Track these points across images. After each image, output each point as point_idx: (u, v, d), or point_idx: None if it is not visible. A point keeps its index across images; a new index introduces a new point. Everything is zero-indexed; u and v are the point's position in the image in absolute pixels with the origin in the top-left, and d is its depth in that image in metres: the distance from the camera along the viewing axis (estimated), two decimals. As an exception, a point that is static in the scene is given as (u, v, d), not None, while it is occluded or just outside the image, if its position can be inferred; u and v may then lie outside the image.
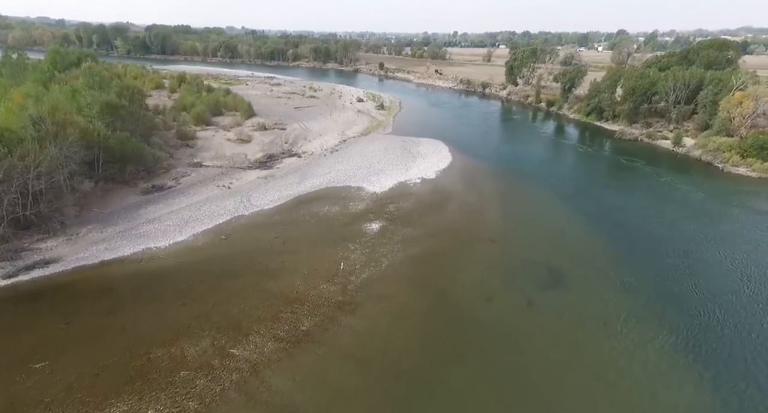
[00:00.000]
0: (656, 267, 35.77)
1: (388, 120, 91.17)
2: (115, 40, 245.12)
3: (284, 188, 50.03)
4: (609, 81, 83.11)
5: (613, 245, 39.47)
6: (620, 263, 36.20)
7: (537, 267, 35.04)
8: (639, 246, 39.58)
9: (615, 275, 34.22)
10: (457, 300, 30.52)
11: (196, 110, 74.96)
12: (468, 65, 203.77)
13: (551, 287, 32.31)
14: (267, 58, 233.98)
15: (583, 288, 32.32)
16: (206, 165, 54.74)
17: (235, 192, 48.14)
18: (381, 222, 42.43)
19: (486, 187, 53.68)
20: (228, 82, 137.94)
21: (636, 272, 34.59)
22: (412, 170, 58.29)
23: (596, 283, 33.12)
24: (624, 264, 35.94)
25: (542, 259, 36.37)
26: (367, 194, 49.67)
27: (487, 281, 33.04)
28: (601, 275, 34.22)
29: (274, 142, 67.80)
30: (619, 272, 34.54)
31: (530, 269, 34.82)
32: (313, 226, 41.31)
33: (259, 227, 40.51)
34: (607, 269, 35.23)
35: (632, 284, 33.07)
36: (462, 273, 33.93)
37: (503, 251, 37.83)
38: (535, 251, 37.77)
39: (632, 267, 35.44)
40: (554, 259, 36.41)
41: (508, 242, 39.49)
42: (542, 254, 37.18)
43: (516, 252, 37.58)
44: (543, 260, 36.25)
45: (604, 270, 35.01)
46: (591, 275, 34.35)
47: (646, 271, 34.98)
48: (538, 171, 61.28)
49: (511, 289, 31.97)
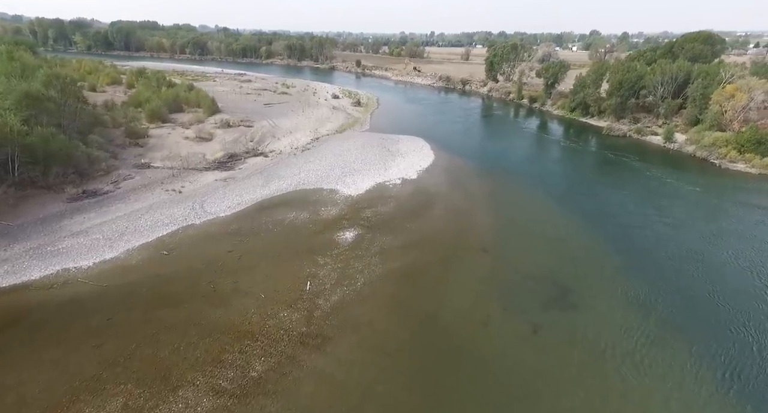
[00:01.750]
0: (669, 275, 31.32)
1: (365, 117, 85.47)
2: (74, 35, 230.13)
3: (245, 192, 43.65)
4: (595, 75, 79.79)
5: (617, 250, 34.93)
6: (629, 271, 31.58)
7: (537, 281, 30.03)
8: (646, 251, 35.17)
9: (626, 287, 29.54)
10: (448, 326, 25.09)
11: (150, 105, 67.32)
12: (446, 63, 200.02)
13: (557, 307, 27.28)
14: (239, 55, 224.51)
15: (594, 307, 27.42)
16: (155, 166, 47.68)
17: (186, 197, 41.46)
18: (356, 230, 36.70)
19: (473, 187, 48.66)
20: (194, 78, 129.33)
21: (648, 283, 30.02)
22: (391, 170, 52.78)
23: (607, 299, 28.30)
24: (633, 273, 31.34)
25: (542, 270, 31.40)
26: (341, 197, 43.85)
27: (481, 300, 27.73)
28: (611, 289, 29.46)
29: (238, 140, 61.07)
30: (629, 284, 29.88)
31: (530, 283, 29.76)
32: (277, 236, 35.19)
33: (211, 239, 34.10)
34: (616, 279, 30.53)
35: (647, 298, 28.42)
36: (452, 292, 28.54)
37: (497, 262, 32.68)
38: (532, 261, 32.80)
39: (643, 277, 30.86)
40: (555, 270, 31.51)
41: (502, 252, 34.38)
42: (541, 264, 32.23)
43: (512, 263, 32.49)
44: (543, 271, 31.29)
45: (612, 282, 30.29)
46: (599, 288, 29.56)
47: (659, 280, 30.45)
48: (526, 169, 56.79)
49: (511, 310, 26.76)
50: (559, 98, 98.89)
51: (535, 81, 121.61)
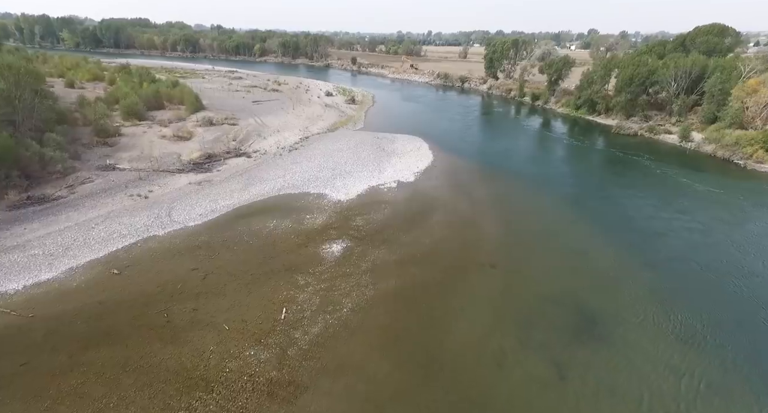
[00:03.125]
0: (712, 295, 26.60)
1: (359, 115, 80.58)
2: (62, 32, 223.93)
3: (221, 197, 38.68)
4: (603, 71, 75.14)
5: (646, 264, 30.21)
6: (664, 291, 26.87)
7: (558, 306, 25.23)
8: (678, 263, 30.47)
9: (665, 312, 24.80)
10: (455, 369, 20.20)
11: (125, 102, 62.18)
12: (444, 61, 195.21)
13: (585, 341, 22.46)
14: (232, 52, 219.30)
15: (631, 340, 22.61)
16: (121, 168, 42.62)
17: (153, 203, 36.44)
18: (345, 242, 31.81)
19: (476, 191, 43.85)
20: (182, 75, 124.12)
21: (689, 306, 25.30)
22: (386, 172, 47.92)
23: (645, 329, 23.50)
24: (670, 294, 26.63)
25: (562, 291, 26.63)
26: (330, 203, 38.96)
27: (493, 332, 22.87)
28: (647, 315, 24.70)
29: (219, 139, 56.03)
30: (668, 308, 25.14)
31: (549, 309, 24.96)
32: (252, 250, 30.25)
33: (174, 254, 29.12)
34: (651, 302, 25.78)
35: (691, 326, 23.68)
36: (457, 321, 23.68)
37: (509, 281, 27.87)
38: (550, 279, 28.02)
39: (682, 299, 26.14)
40: (578, 290, 26.75)
41: (513, 268, 29.58)
42: (560, 284, 27.46)
43: (526, 283, 27.71)
44: (563, 292, 26.52)
45: (647, 305, 25.53)
46: (633, 314, 24.78)
47: (701, 302, 25.73)
48: (533, 171, 52.04)
49: (529, 346, 21.93)
50: (563, 96, 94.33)
51: (537, 78, 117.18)
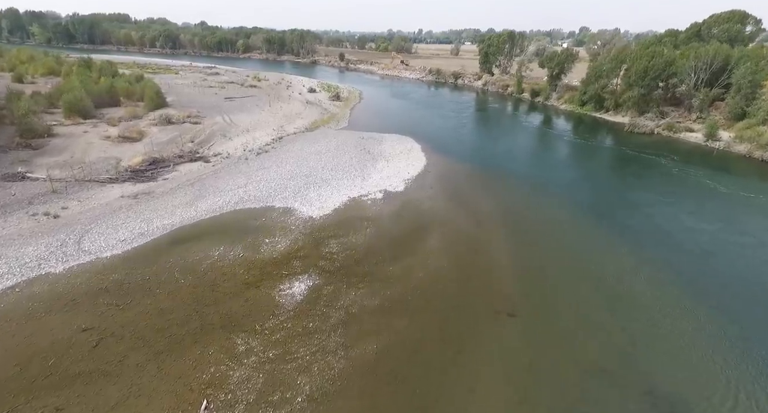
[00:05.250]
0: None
1: (343, 113, 72.39)
2: (31, 26, 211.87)
3: (158, 215, 30.26)
4: (612, 63, 67.85)
5: (709, 298, 22.60)
6: (752, 352, 19.27)
7: (614, 383, 17.41)
8: (753, 295, 22.94)
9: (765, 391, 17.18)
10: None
11: (67, 97, 53.25)
12: (435, 58, 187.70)
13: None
14: (214, 49, 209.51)
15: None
16: (33, 177, 33.92)
17: (62, 226, 27.90)
18: (311, 279, 23.71)
19: (480, 203, 36.02)
20: (154, 71, 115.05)
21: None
22: (371, 179, 39.88)
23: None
24: (759, 351, 19.05)
25: (614, 355, 18.83)
26: (298, 220, 30.80)
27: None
28: (742, 399, 17.05)
29: (173, 140, 47.45)
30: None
31: (602, 390, 17.14)
32: (181, 294, 21.97)
33: (66, 304, 20.72)
34: (742, 374, 18.15)
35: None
36: (467, 410, 15.77)
37: (536, 340, 19.98)
38: (593, 336, 20.20)
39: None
40: (638, 355, 18.96)
41: (539, 317, 21.69)
42: (611, 342, 19.66)
43: (560, 342, 19.83)
44: (617, 357, 18.72)
45: (737, 380, 17.90)
46: (724, 392, 17.10)
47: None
48: (542, 176, 44.37)
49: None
50: (565, 91, 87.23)
51: (535, 74, 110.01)
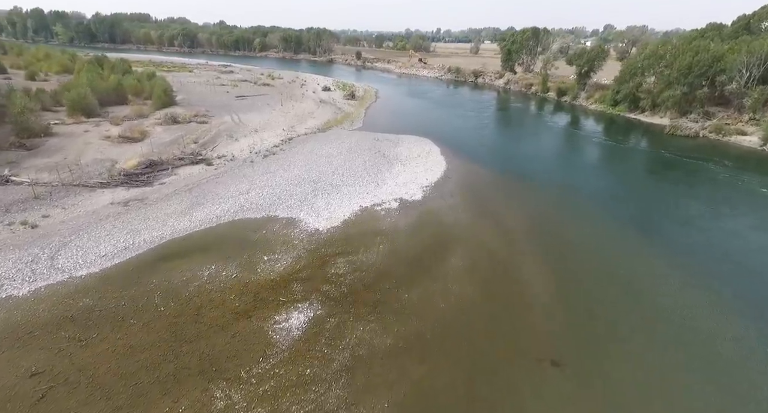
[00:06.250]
0: None
1: (358, 112, 68.78)
2: (55, 26, 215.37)
3: (148, 226, 27.08)
4: (650, 59, 62.31)
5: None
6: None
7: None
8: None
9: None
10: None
11: (71, 95, 51.08)
12: (454, 57, 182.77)
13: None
14: (231, 48, 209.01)
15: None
16: (18, 181, 31.21)
17: (39, 237, 24.94)
18: (313, 308, 20.04)
19: (509, 216, 31.77)
20: (169, 69, 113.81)
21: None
22: (385, 186, 36.06)
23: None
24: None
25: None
26: (302, 233, 27.22)
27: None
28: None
29: (176, 141, 44.56)
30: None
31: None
32: (158, 326, 18.56)
33: (20, 338, 17.50)
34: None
35: None
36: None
37: (590, 402, 15.81)
38: (670, 399, 15.93)
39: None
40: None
41: (592, 369, 17.47)
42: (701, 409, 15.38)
43: (625, 406, 15.62)
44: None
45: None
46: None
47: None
48: (578, 184, 39.75)
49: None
50: (595, 90, 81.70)
51: (560, 72, 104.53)
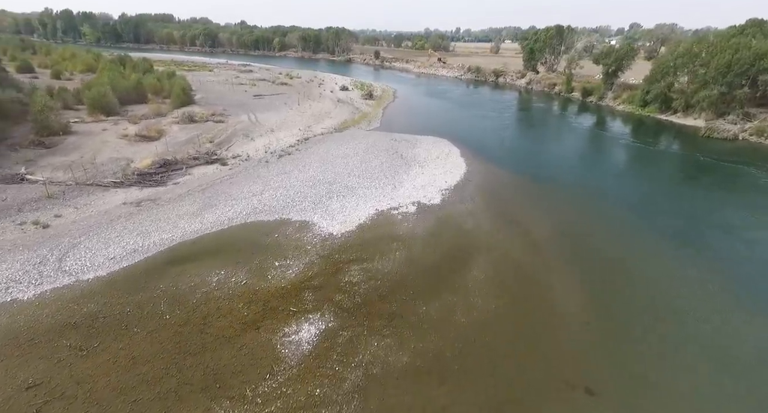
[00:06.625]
0: None
1: (375, 112, 67.54)
2: (83, 27, 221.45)
3: (159, 228, 26.38)
4: (684, 58, 59.06)
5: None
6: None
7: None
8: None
9: None
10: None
11: (90, 93, 51.42)
12: (474, 56, 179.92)
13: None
14: (251, 47, 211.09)
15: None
16: (33, 179, 31.04)
17: (49, 237, 24.46)
18: (325, 319, 18.82)
19: (534, 223, 29.92)
20: (190, 68, 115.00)
21: None
22: (402, 188, 34.65)
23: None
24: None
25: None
26: (315, 238, 26.06)
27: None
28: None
29: (192, 140, 44.14)
30: None
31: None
32: (162, 335, 17.62)
33: (20, 346, 16.77)
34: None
35: None
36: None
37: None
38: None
39: None
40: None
41: (631, 399, 15.71)
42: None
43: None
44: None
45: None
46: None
47: None
48: (610, 188, 37.49)
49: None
50: (622, 90, 78.39)
51: (584, 72, 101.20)
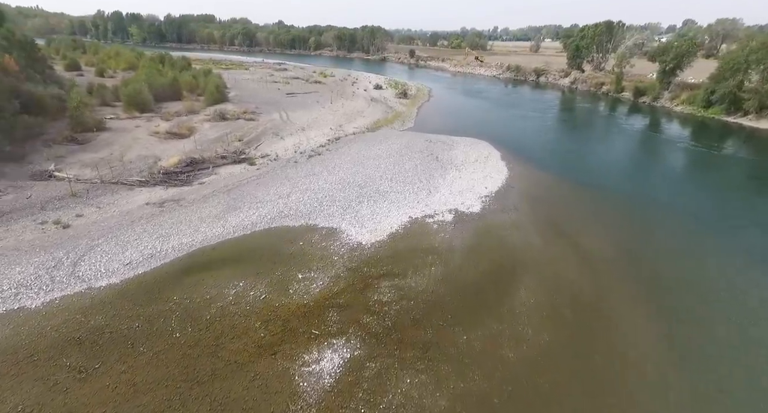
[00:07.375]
0: None
1: (410, 112, 64.88)
2: (131, 27, 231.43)
3: (179, 231, 24.91)
4: (759, 53, 52.72)
5: None
6: None
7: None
8: None
9: None
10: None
11: (127, 90, 51.70)
12: (513, 55, 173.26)
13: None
14: (287, 46, 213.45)
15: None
16: (61, 176, 30.49)
17: (68, 239, 23.44)
18: (350, 345, 16.43)
19: (588, 237, 26.36)
20: (228, 67, 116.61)
21: None
22: (438, 194, 31.86)
23: None
24: None
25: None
26: (343, 247, 23.77)
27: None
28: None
29: (221, 139, 43.11)
30: None
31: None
32: (170, 357, 15.78)
33: (17, 363, 15.34)
34: None
35: None
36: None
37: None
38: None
39: None
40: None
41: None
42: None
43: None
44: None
45: None
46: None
47: None
48: (678, 200, 33.02)
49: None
50: (681, 90, 71.86)
51: (634, 71, 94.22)
